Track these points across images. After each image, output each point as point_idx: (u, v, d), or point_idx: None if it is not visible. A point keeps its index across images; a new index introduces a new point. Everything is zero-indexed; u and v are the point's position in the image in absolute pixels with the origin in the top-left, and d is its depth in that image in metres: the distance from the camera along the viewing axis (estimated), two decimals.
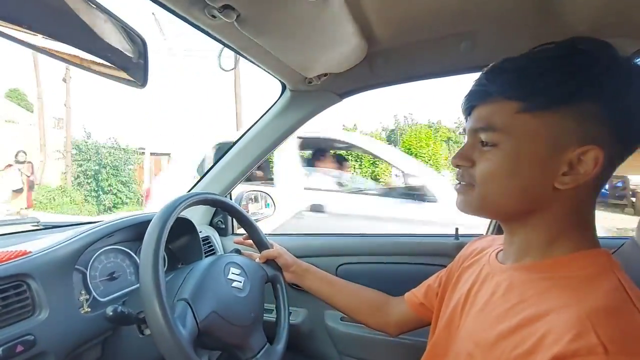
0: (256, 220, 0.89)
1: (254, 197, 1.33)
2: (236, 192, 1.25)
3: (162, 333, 0.51)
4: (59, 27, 0.49)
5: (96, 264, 0.77)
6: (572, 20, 0.67)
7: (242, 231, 0.89)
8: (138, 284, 0.81)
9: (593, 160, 0.40)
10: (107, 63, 0.55)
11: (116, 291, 0.78)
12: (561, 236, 0.44)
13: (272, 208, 1.39)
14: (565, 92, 0.40)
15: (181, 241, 0.93)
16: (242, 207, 1.00)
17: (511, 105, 0.42)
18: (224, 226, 1.21)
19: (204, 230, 1.11)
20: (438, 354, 0.54)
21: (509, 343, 0.39)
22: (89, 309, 0.69)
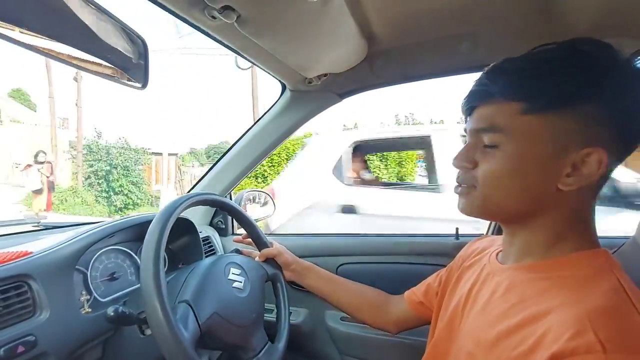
0: (256, 220, 0.89)
1: (254, 197, 1.33)
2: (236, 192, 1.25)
3: (165, 336, 0.51)
4: (59, 29, 0.49)
5: (97, 265, 0.77)
6: (573, 20, 0.67)
7: (243, 231, 0.89)
8: (139, 284, 0.81)
9: (597, 162, 0.40)
10: (108, 64, 0.55)
11: (117, 291, 0.78)
12: (562, 237, 0.44)
13: (272, 208, 1.39)
14: (565, 93, 0.40)
15: (182, 241, 0.93)
16: (242, 208, 1.00)
17: (513, 106, 0.42)
18: (224, 226, 1.21)
19: (204, 230, 1.11)
20: (439, 354, 0.54)
21: (510, 342, 0.39)
22: (90, 310, 0.69)
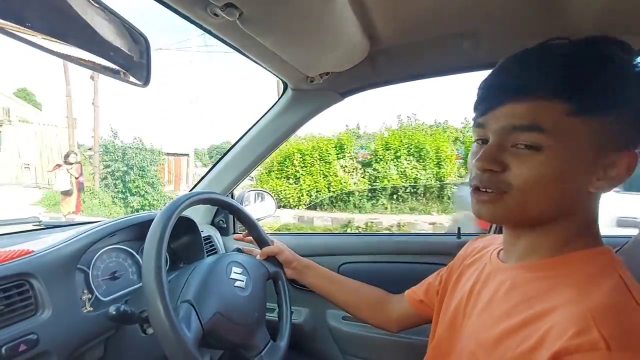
0: (258, 219, 0.89)
1: (256, 197, 1.33)
2: (237, 192, 1.24)
3: (167, 336, 0.51)
4: (61, 26, 0.48)
5: (98, 264, 0.77)
6: (577, 18, 0.67)
7: (244, 231, 0.89)
8: (140, 284, 0.81)
9: (626, 165, 0.40)
10: (109, 63, 0.54)
11: (118, 291, 0.78)
12: (572, 238, 0.43)
13: (274, 208, 1.39)
14: (618, 97, 0.39)
15: (183, 240, 0.93)
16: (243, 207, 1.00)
17: (558, 106, 0.39)
18: (226, 225, 1.21)
19: (206, 229, 1.11)
20: (442, 353, 0.54)
21: (512, 341, 0.39)
22: (92, 309, 0.69)
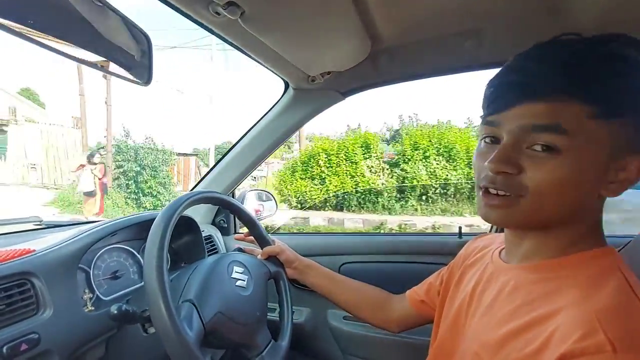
0: (259, 219, 0.89)
1: (257, 196, 1.33)
2: (239, 191, 1.24)
3: (169, 336, 0.51)
4: (64, 24, 0.48)
5: (99, 263, 0.77)
6: (580, 17, 0.67)
7: (245, 230, 0.89)
8: (141, 283, 0.81)
9: (637, 167, 0.39)
10: (111, 61, 0.54)
11: (119, 290, 0.77)
12: (578, 239, 0.43)
13: (275, 207, 1.39)
14: (636, 99, 0.38)
15: (184, 240, 0.93)
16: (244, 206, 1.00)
17: (580, 107, 0.38)
18: (227, 225, 1.21)
19: (207, 229, 1.11)
20: (444, 354, 0.54)
21: (517, 343, 0.39)
22: (93, 308, 0.68)
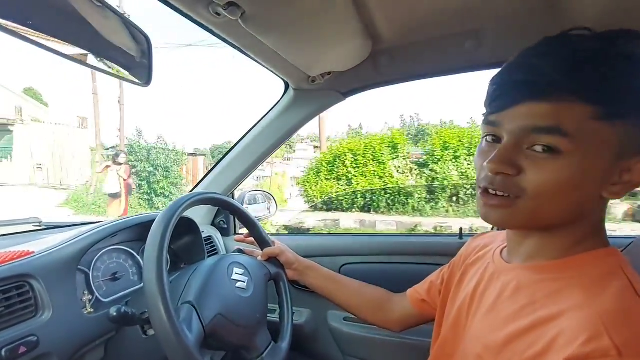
0: (259, 220, 0.89)
1: (256, 198, 1.32)
2: (238, 193, 1.24)
3: (169, 338, 0.51)
4: (63, 25, 0.48)
5: (99, 265, 0.76)
6: (580, 17, 0.66)
7: (245, 231, 0.88)
8: (141, 285, 0.81)
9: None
10: (111, 62, 0.54)
11: (119, 292, 0.77)
12: (581, 240, 0.43)
13: (274, 208, 1.38)
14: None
15: (184, 241, 0.93)
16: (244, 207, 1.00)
17: (583, 108, 0.37)
18: (226, 226, 1.20)
19: (206, 230, 1.10)
20: (446, 354, 0.54)
21: (519, 345, 0.39)
22: (92, 310, 0.68)
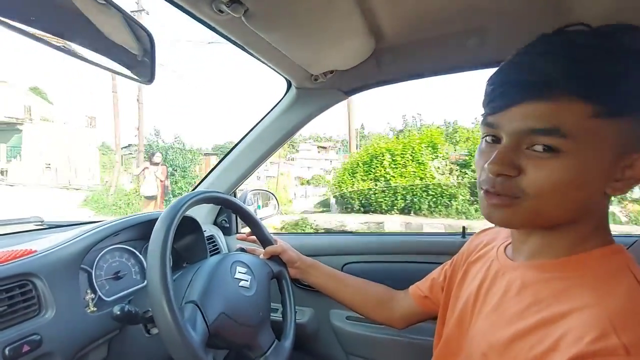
0: (261, 219, 0.89)
1: (259, 197, 1.32)
2: (240, 192, 1.24)
3: (173, 338, 0.50)
4: (65, 22, 0.48)
5: (101, 263, 0.76)
6: (584, 15, 0.66)
7: (247, 230, 0.88)
8: (143, 284, 0.80)
9: None
10: (114, 59, 0.54)
11: (121, 290, 0.77)
12: (585, 237, 0.42)
13: (276, 208, 1.38)
14: None
15: (186, 240, 0.92)
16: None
17: (581, 107, 0.36)
18: (228, 225, 1.20)
19: (208, 229, 1.10)
20: (450, 352, 0.53)
21: (525, 343, 0.38)
22: (95, 309, 0.68)
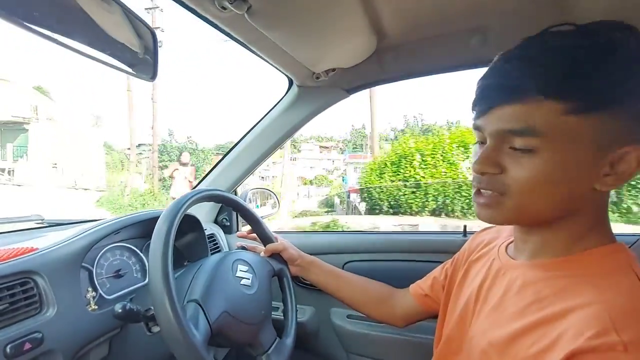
0: (261, 217, 0.88)
1: (259, 195, 1.32)
2: (241, 190, 1.24)
3: (176, 336, 0.50)
4: (68, 19, 0.47)
5: (102, 261, 0.76)
6: (586, 13, 0.66)
7: (247, 229, 0.88)
8: (144, 282, 0.80)
9: (636, 159, 0.38)
10: (116, 56, 0.53)
11: (122, 289, 0.77)
12: (584, 234, 0.43)
13: (277, 206, 1.38)
14: (620, 90, 0.37)
15: (187, 238, 0.92)
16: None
17: (553, 105, 0.37)
18: (229, 223, 1.20)
19: (209, 227, 1.10)
20: (451, 351, 0.53)
21: (526, 341, 0.39)
22: (96, 307, 0.68)
